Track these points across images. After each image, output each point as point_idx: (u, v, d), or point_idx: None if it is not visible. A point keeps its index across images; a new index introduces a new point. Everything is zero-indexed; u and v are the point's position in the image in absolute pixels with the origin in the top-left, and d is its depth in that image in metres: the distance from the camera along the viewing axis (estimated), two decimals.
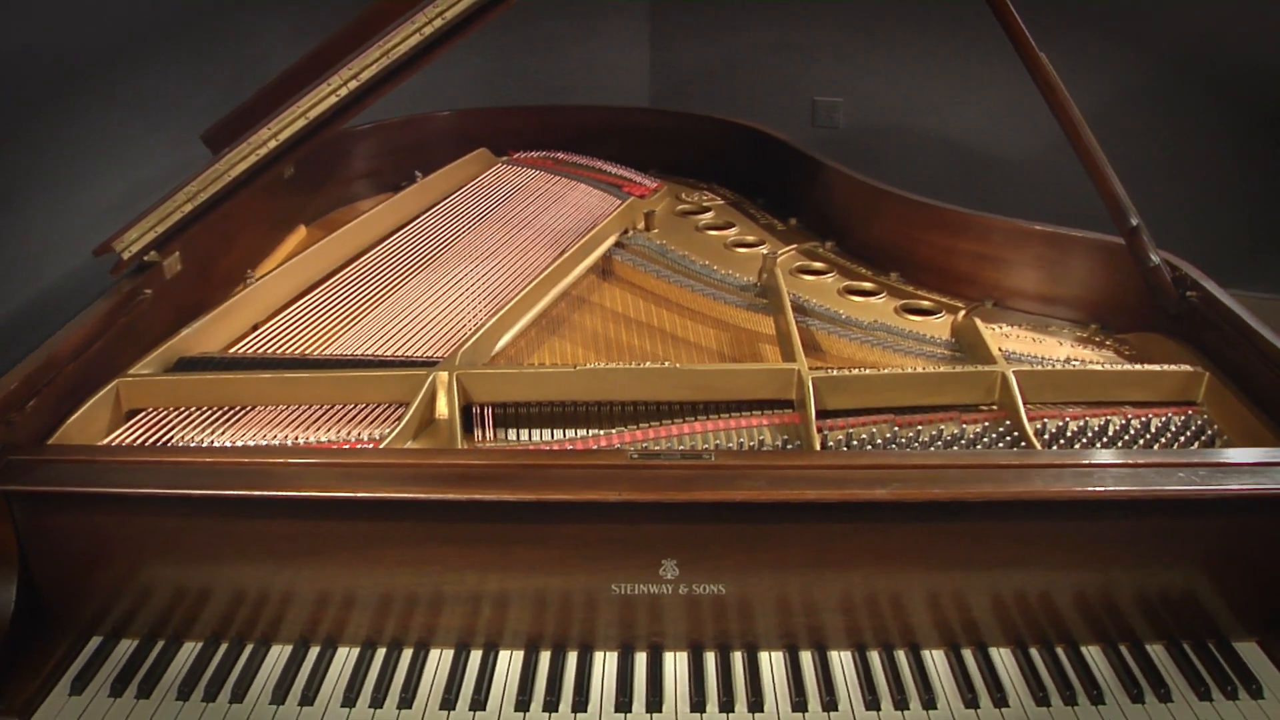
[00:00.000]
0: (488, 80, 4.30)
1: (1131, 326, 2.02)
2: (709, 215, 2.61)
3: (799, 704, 1.41)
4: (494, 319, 1.91)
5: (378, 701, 1.42)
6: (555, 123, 2.96)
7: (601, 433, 1.70)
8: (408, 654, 1.49)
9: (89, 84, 2.47)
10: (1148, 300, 1.94)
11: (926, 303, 2.15)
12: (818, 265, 2.32)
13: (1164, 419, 1.71)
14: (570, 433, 1.73)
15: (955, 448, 1.63)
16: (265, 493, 1.41)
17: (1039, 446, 1.60)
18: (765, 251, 2.35)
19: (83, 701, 1.42)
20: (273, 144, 1.78)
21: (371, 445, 1.60)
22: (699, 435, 1.68)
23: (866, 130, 4.58)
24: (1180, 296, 1.88)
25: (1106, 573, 1.46)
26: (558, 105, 3.10)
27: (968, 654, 1.49)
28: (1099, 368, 1.78)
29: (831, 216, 2.49)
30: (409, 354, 1.88)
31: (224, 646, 1.50)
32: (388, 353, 1.88)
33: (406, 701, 1.42)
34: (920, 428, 1.68)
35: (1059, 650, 1.49)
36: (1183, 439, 1.66)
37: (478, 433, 1.71)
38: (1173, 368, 1.78)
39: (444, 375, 1.71)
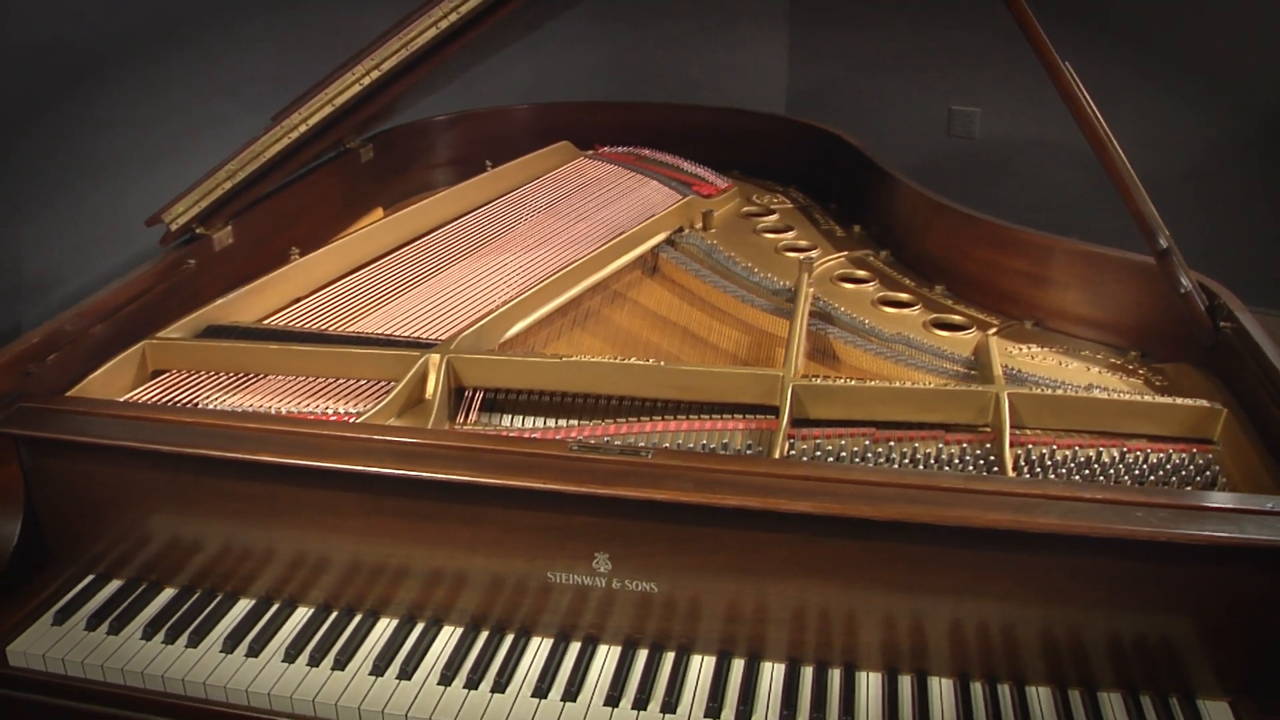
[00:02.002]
0: (615, 74, 4.37)
1: (1172, 356, 1.89)
2: (773, 218, 2.59)
3: (713, 709, 1.40)
4: (506, 307, 1.95)
5: (315, 661, 1.49)
6: (644, 119, 2.98)
7: (582, 424, 1.73)
8: (356, 620, 1.56)
9: (193, 65, 2.66)
10: (1187, 329, 1.82)
11: (958, 318, 2.07)
12: (860, 274, 2.26)
13: (1164, 455, 1.60)
14: (554, 422, 1.76)
15: (922, 467, 1.58)
16: (225, 454, 1.50)
17: (1010, 472, 1.53)
18: (811, 256, 2.31)
19: (60, 632, 1.55)
20: (303, 128, 1.88)
21: (349, 419, 1.67)
22: (673, 434, 1.68)
23: (1002, 142, 4.42)
24: (1214, 327, 1.76)
25: (1060, 611, 1.39)
26: (648, 103, 3.12)
27: (905, 681, 1.44)
28: (1104, 396, 1.68)
29: (893, 226, 2.43)
30: (429, 336, 1.94)
31: (196, 596, 1.61)
32: (409, 333, 1.95)
33: (341, 664, 1.49)
34: (893, 444, 1.63)
35: (1003, 688, 1.42)
36: (1176, 478, 1.55)
37: (461, 415, 1.76)
38: (1188, 402, 1.66)
39: (436, 358, 1.77)
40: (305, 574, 1.58)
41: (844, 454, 1.60)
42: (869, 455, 1.60)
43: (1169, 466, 1.58)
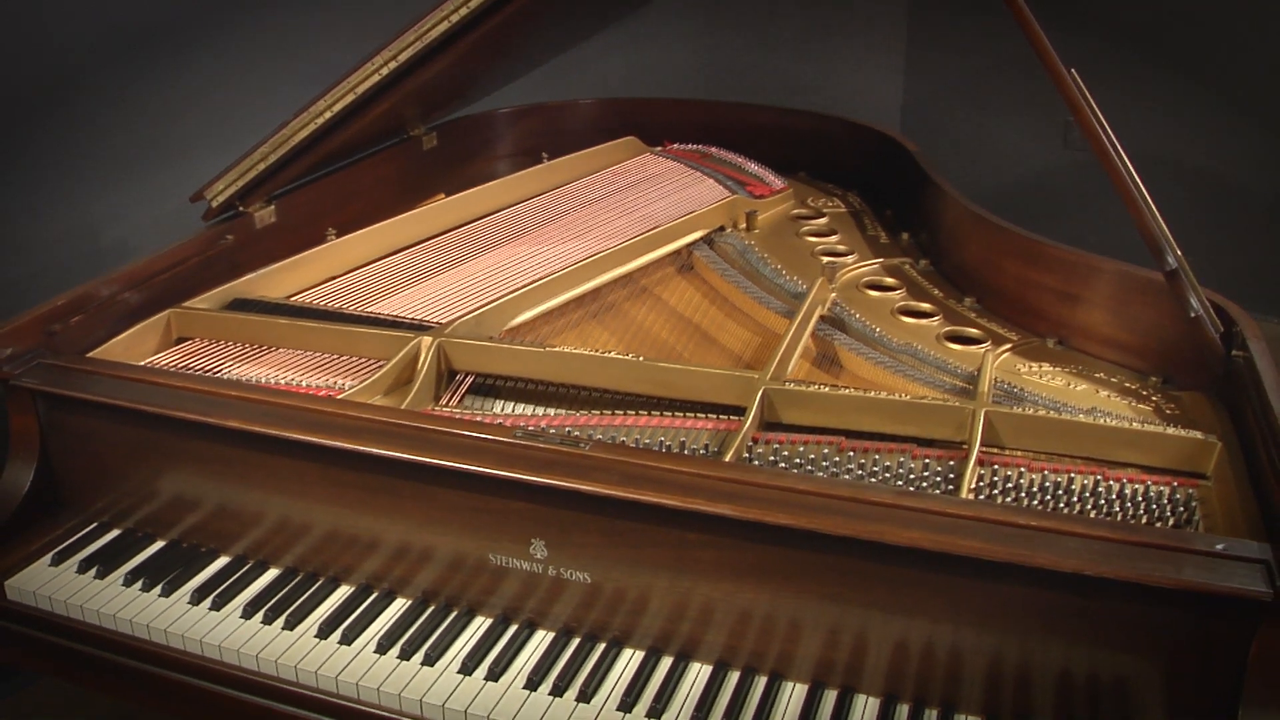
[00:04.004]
0: (712, 76, 4.35)
1: (1194, 384, 1.78)
2: (820, 222, 2.55)
3: (626, 705, 1.41)
4: (510, 296, 1.99)
5: (269, 620, 1.57)
6: (712, 118, 2.98)
7: (563, 413, 1.76)
8: (317, 585, 1.63)
9: (271, 48, 2.80)
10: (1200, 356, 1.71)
11: (975, 331, 2.00)
12: (889, 281, 2.21)
13: (1142, 486, 1.51)
14: (538, 410, 1.79)
15: (873, 479, 1.54)
16: (197, 417, 1.60)
17: (965, 492, 1.48)
18: (835, 262, 2.27)
19: (54, 572, 1.68)
20: (328, 114, 1.97)
21: (335, 393, 1.74)
22: (642, 429, 1.69)
23: None
24: (1226, 354, 1.65)
25: (991, 637, 1.34)
26: (717, 101, 3.11)
27: (828, 696, 1.42)
28: (1086, 420, 1.60)
29: (936, 236, 2.36)
30: (442, 319, 1.97)
31: (180, 550, 1.71)
32: (424, 316, 1.99)
33: (291, 625, 1.56)
34: (852, 453, 1.59)
35: (930, 712, 1.38)
36: (1146, 512, 1.47)
37: (445, 397, 1.81)
38: (1179, 433, 1.57)
39: (427, 340, 1.82)
40: (276, 537, 1.66)
41: (799, 460, 1.58)
42: (826, 464, 1.57)
43: (1141, 499, 1.49)
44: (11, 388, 1.71)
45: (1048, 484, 1.52)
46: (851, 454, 1.59)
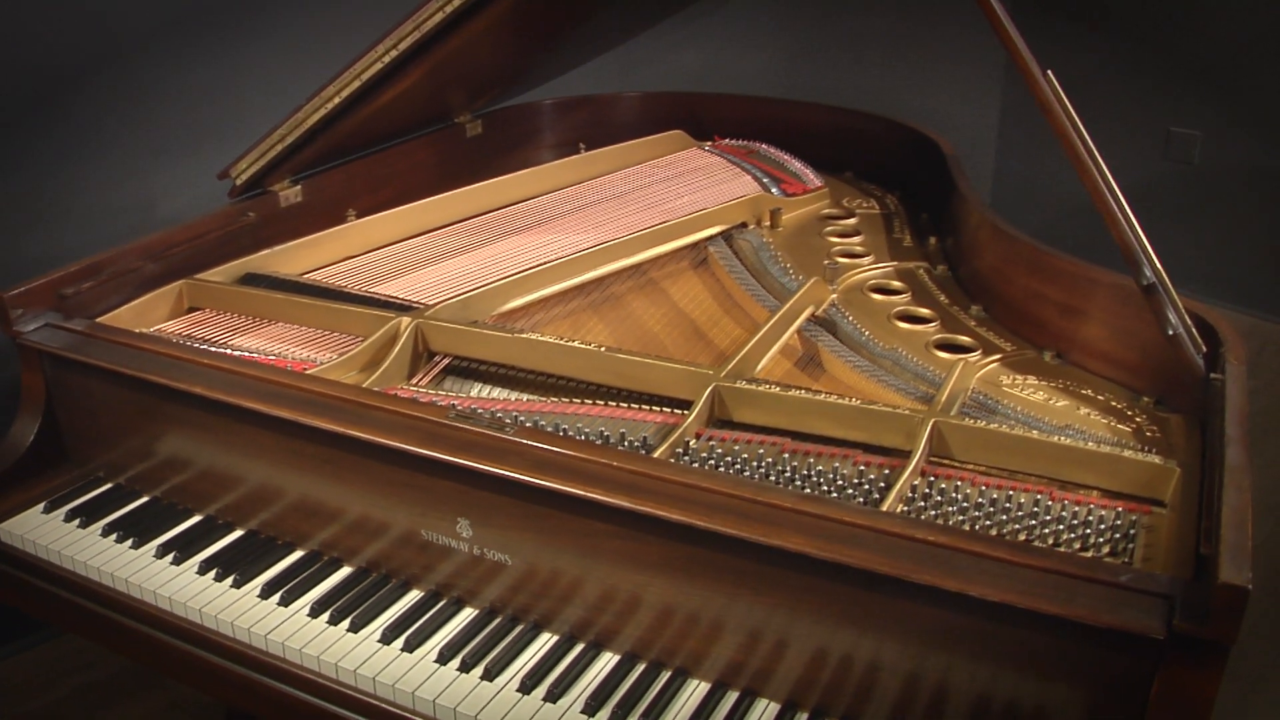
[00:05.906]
0: (788, 75, 4.29)
1: (1183, 406, 1.68)
2: (849, 222, 2.50)
3: (527, 686, 1.43)
4: (501, 282, 2.02)
5: (220, 577, 1.65)
6: (760, 114, 2.95)
7: (528, 398, 1.78)
8: (273, 547, 1.70)
9: (330, 29, 2.89)
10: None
11: (967, 340, 1.93)
12: (896, 285, 2.16)
13: (1084, 508, 1.44)
14: (505, 394, 1.82)
15: (798, 482, 1.51)
16: (170, 383, 1.69)
17: (890, 501, 1.43)
18: (837, 263, 2.23)
19: (44, 519, 1.80)
20: (336, 100, 2.04)
21: (309, 367, 1.81)
22: (593, 419, 1.69)
23: (1224, 170, 3.99)
24: (1205, 376, 1.56)
25: (893, 653, 1.30)
26: (765, 97, 3.08)
27: (729, 697, 1.41)
28: (1040, 437, 1.53)
29: (958, 242, 2.29)
30: (436, 301, 2.01)
31: (159, 506, 1.81)
32: (423, 298, 2.04)
33: (239, 583, 1.64)
34: (787, 455, 1.56)
35: None
36: (1079, 536, 1.40)
37: (417, 377, 1.85)
38: (1135, 456, 1.49)
39: (406, 320, 1.87)
40: (242, 500, 1.74)
41: (733, 459, 1.56)
42: (760, 464, 1.55)
43: (1080, 521, 1.42)
44: (21, 346, 1.84)
45: (983, 499, 1.47)
46: (788, 455, 1.56)
